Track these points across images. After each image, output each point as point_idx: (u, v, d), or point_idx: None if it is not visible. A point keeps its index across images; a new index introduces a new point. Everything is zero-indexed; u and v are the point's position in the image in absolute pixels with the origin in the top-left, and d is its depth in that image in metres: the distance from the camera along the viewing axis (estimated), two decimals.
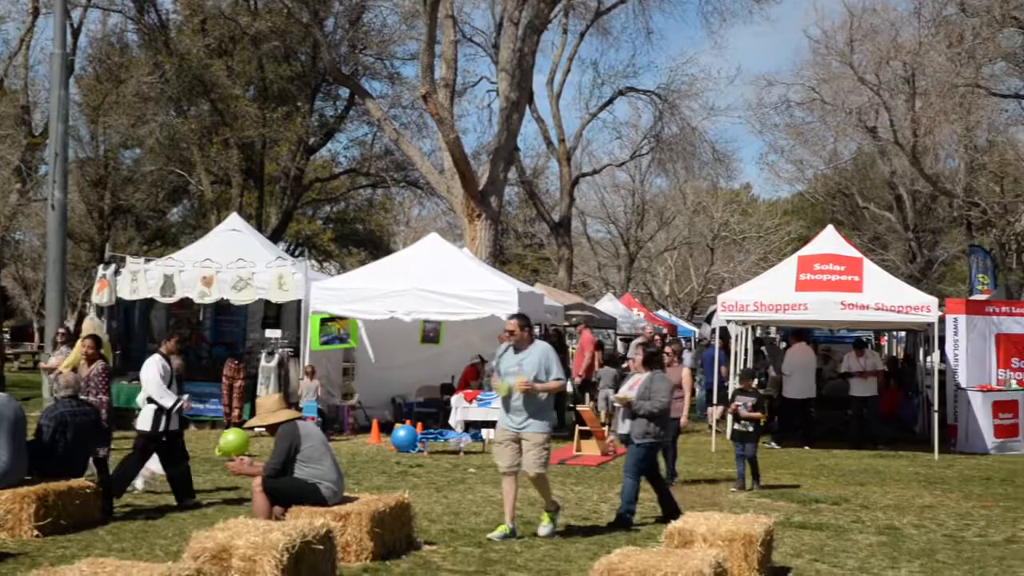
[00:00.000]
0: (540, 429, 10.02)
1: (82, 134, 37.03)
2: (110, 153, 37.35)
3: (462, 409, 18.58)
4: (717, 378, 18.84)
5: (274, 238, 33.70)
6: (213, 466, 14.46)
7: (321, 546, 7.79)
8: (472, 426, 18.05)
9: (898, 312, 17.97)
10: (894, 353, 32.30)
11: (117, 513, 10.84)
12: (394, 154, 38.38)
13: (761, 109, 41.04)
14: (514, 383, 9.90)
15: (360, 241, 51.12)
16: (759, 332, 24.09)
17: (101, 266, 20.67)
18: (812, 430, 19.37)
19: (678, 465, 14.20)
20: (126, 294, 19.97)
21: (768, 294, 18.57)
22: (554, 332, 22.91)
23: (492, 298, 18.31)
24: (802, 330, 20.57)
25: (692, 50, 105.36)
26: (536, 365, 9.97)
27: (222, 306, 20.72)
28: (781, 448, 18.38)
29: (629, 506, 10.91)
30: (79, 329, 21.18)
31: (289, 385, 19.27)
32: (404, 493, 9.83)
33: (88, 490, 10.41)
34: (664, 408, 11.05)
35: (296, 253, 44.33)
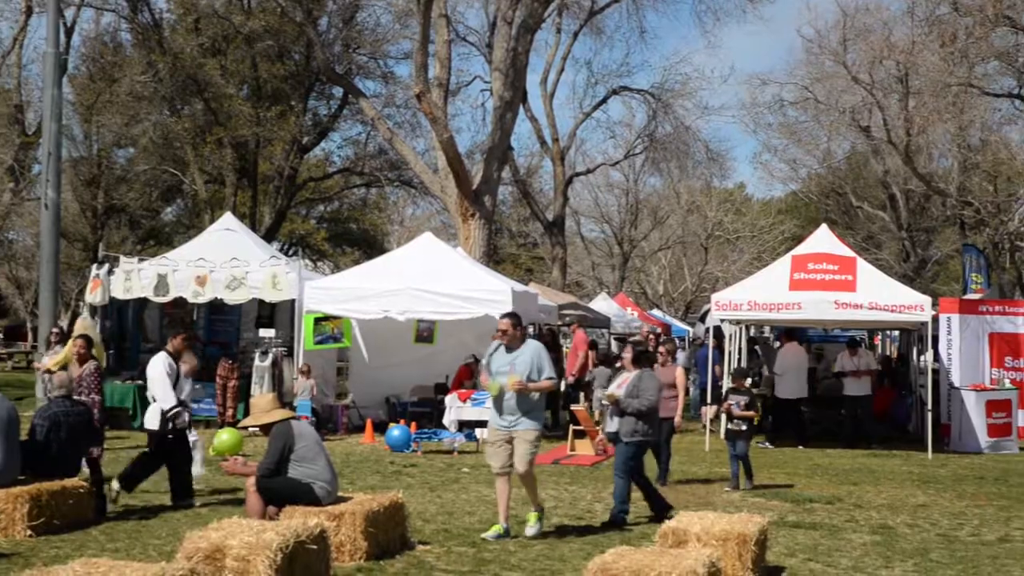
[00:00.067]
0: (531, 427, 10.05)
1: (75, 133, 36.97)
2: (103, 152, 37.30)
3: (456, 409, 18.57)
4: (711, 377, 18.84)
5: (268, 237, 33.66)
6: (207, 466, 14.41)
7: (315, 546, 7.80)
8: (466, 426, 18.03)
9: (892, 311, 17.99)
10: (888, 352, 32.34)
11: (111, 513, 10.82)
12: (388, 153, 38.36)
13: (755, 108, 41.12)
14: (506, 383, 9.91)
15: (354, 240, 51.09)
16: (753, 331, 24.13)
17: (95, 265, 20.66)
18: (805, 430, 19.39)
19: (672, 464, 14.20)
20: (120, 293, 19.97)
21: (762, 293, 18.56)
22: (548, 332, 22.92)
23: (486, 297, 18.30)
24: (794, 330, 20.57)
25: (686, 49, 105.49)
26: (529, 364, 9.97)
27: (216, 305, 20.68)
28: (775, 448, 18.40)
29: (623, 506, 10.93)
30: (72, 328, 21.16)
31: (283, 385, 19.24)
32: (398, 493, 9.83)
33: (82, 490, 10.39)
34: (652, 406, 11.05)
35: (290, 252, 44.27)
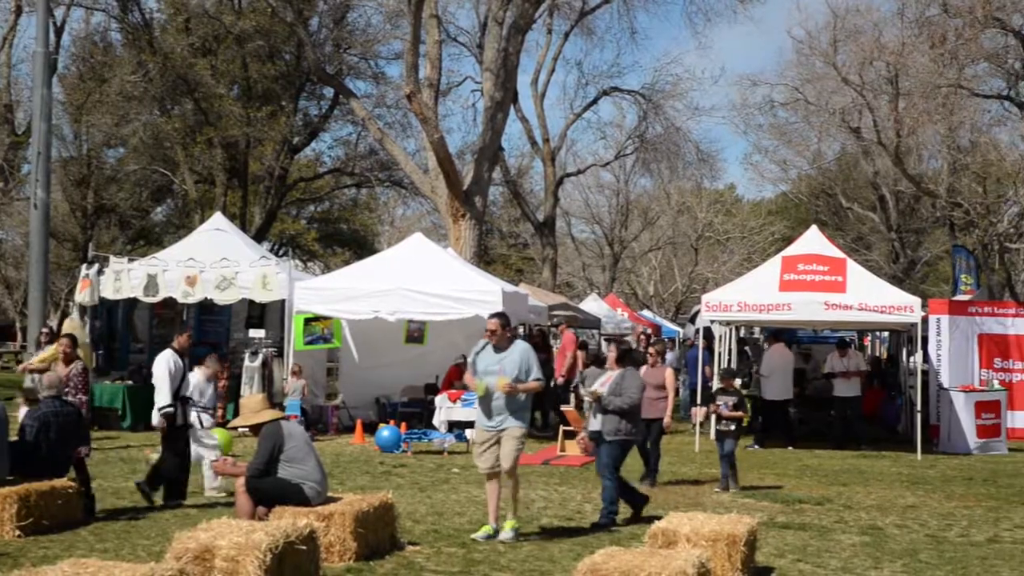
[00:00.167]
0: (518, 425, 10.08)
1: (65, 133, 36.93)
2: (93, 152, 37.17)
3: (446, 409, 18.57)
4: (701, 378, 18.85)
5: (258, 238, 33.61)
6: (195, 466, 14.38)
7: (304, 546, 7.79)
8: (456, 426, 18.03)
9: (881, 312, 18.02)
10: (877, 353, 32.45)
11: (100, 514, 10.80)
12: (378, 154, 38.34)
13: (745, 109, 41.13)
14: (495, 383, 9.91)
15: (344, 241, 51.08)
16: (743, 332, 24.15)
17: (84, 265, 20.63)
18: (792, 431, 19.41)
19: (662, 465, 14.21)
20: (109, 293, 19.94)
21: (752, 294, 18.58)
22: (538, 332, 22.93)
23: (476, 298, 18.30)
24: (781, 331, 20.57)
25: (676, 50, 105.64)
26: (517, 365, 9.99)
27: (206, 306, 20.67)
28: (763, 449, 18.42)
29: (611, 507, 10.94)
30: (62, 328, 21.13)
31: (273, 385, 19.24)
32: (388, 493, 9.84)
33: (71, 490, 10.37)
34: (634, 404, 11.05)
35: (280, 253, 44.27)
